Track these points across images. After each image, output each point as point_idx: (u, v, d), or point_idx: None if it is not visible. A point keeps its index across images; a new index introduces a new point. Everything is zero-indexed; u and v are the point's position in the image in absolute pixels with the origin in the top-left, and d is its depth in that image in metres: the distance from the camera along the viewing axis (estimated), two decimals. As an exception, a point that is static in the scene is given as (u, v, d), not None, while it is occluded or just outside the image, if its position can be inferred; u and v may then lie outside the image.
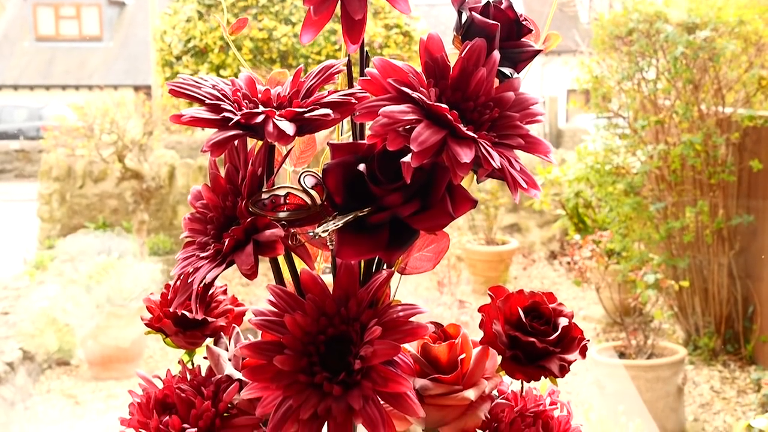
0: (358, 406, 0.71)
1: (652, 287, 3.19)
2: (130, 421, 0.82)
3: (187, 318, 0.84)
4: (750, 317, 3.77)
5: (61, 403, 3.62)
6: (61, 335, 3.94)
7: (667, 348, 3.25)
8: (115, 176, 4.65)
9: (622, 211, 3.70)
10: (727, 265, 3.74)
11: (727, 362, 3.75)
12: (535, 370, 0.79)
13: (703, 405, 3.39)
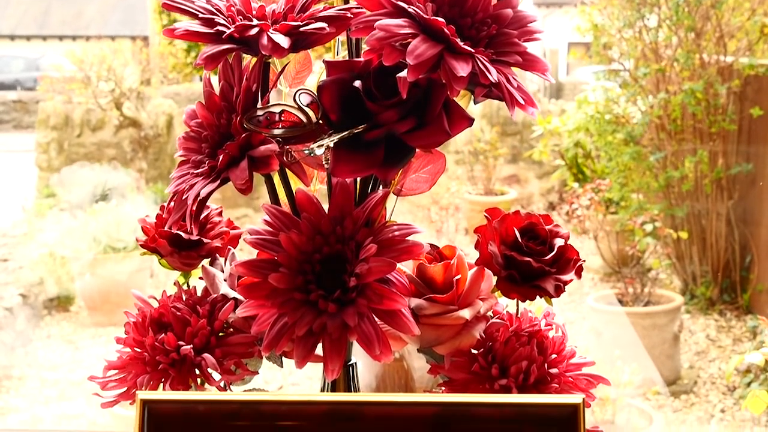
0: (353, 323, 0.71)
1: (650, 235, 3.19)
2: (125, 339, 0.83)
3: (182, 238, 0.84)
4: (747, 267, 3.79)
5: (61, 348, 3.65)
6: (60, 283, 3.95)
7: (663, 296, 3.26)
8: (112, 125, 4.63)
9: (622, 160, 3.69)
10: (726, 214, 3.75)
11: (724, 311, 3.77)
12: (531, 290, 0.79)
13: (698, 353, 3.42)
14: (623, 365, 2.47)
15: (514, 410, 0.55)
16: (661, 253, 3.45)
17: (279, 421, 0.56)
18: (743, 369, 3.07)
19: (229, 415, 0.56)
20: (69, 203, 3.98)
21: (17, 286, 3.77)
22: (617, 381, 2.48)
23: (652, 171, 3.72)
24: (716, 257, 3.79)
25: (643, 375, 2.57)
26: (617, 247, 3.74)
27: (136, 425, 0.57)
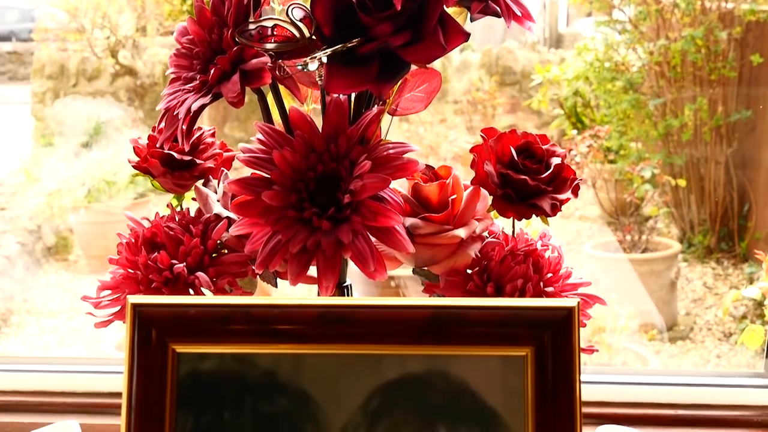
0: (348, 240, 0.71)
1: (648, 183, 3.19)
2: (118, 259, 0.82)
3: (175, 158, 0.83)
4: (745, 215, 3.78)
5: (60, 296, 3.65)
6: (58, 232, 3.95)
7: (661, 243, 3.27)
8: (108, 73, 4.58)
9: (621, 108, 3.67)
10: (724, 162, 3.73)
11: (721, 260, 3.77)
12: (527, 209, 0.79)
13: (695, 300, 3.42)
14: (620, 309, 2.48)
15: (509, 313, 0.55)
16: (659, 201, 3.45)
17: (272, 324, 0.55)
18: (739, 315, 3.09)
19: (221, 318, 0.56)
20: (63, 135, 3.96)
21: (15, 235, 3.77)
22: (614, 326, 2.49)
23: (651, 119, 3.70)
24: (714, 205, 3.79)
25: (639, 320, 2.57)
26: (615, 196, 3.73)
27: (128, 330, 0.56)
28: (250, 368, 0.56)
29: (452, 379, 0.56)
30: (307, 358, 0.56)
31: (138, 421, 0.56)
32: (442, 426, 0.56)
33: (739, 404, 1.05)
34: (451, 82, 5.05)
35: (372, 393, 0.56)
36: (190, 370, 0.56)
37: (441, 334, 0.56)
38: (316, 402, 0.56)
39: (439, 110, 4.96)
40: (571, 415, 0.55)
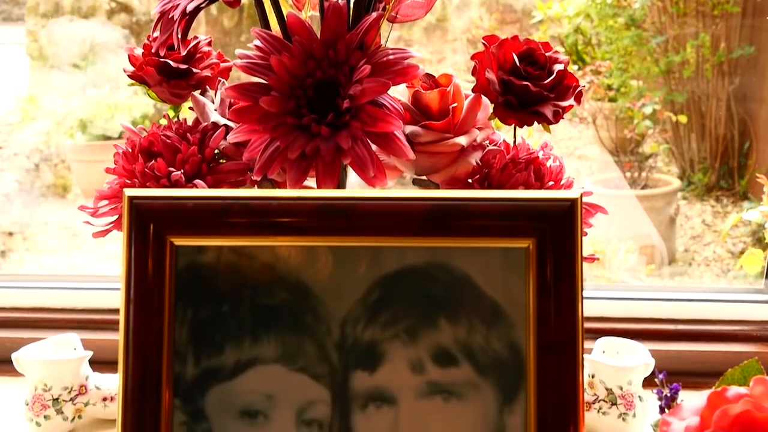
0: (347, 145, 0.70)
1: (649, 119, 3.17)
2: (115, 169, 0.81)
3: (171, 66, 0.82)
4: (746, 153, 3.77)
5: (59, 234, 3.65)
6: (56, 170, 3.93)
7: (661, 180, 3.26)
8: (104, 10, 4.53)
9: (622, 45, 3.63)
10: (726, 100, 3.71)
11: (720, 197, 3.77)
12: (529, 116, 0.77)
13: (694, 237, 3.43)
14: (619, 243, 2.48)
15: (510, 205, 0.54)
16: (659, 138, 3.43)
17: (270, 217, 0.54)
18: (737, 251, 3.09)
19: (219, 211, 0.55)
20: (58, 58, 3.92)
21: (12, 173, 3.75)
22: (613, 261, 2.49)
23: (652, 56, 3.67)
24: (715, 143, 3.77)
25: (638, 254, 2.58)
26: (616, 135, 3.71)
27: (125, 224, 0.56)
28: (249, 261, 0.56)
29: (453, 271, 0.56)
30: (307, 250, 0.56)
31: (137, 314, 0.55)
32: (442, 318, 0.55)
33: (739, 319, 1.05)
34: (451, 20, 4.98)
35: (372, 285, 0.56)
36: (188, 263, 0.56)
37: (441, 226, 0.55)
38: (316, 295, 0.56)
39: (438, 49, 4.91)
40: (573, 306, 0.54)
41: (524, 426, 0.55)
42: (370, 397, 0.55)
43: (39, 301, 1.11)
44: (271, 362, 0.55)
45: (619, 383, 0.88)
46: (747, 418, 0.57)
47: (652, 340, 0.98)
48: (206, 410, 0.56)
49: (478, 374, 0.55)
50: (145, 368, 0.55)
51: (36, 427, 0.90)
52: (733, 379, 0.63)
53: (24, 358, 0.90)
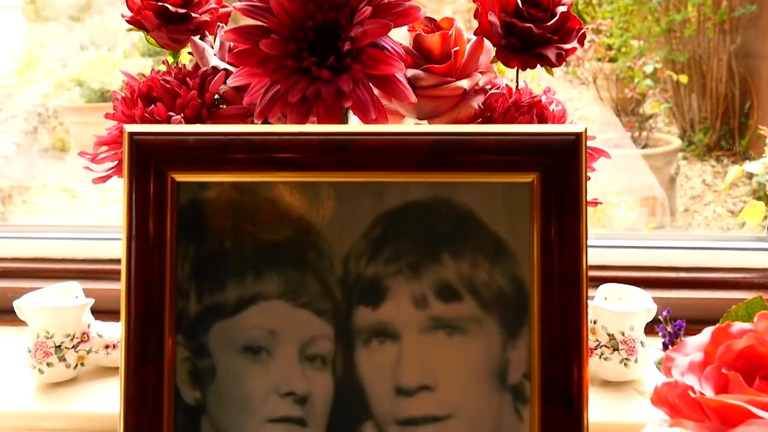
0: (348, 88, 0.69)
1: (649, 77, 3.15)
2: (114, 114, 0.81)
3: (169, 11, 0.81)
4: (746, 113, 3.75)
5: (58, 196, 3.64)
6: (54, 133, 3.91)
7: (661, 139, 3.25)
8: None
9: (623, 3, 3.61)
10: (727, 60, 3.68)
11: (721, 158, 3.76)
12: (532, 59, 0.77)
13: (694, 197, 3.42)
14: (619, 201, 2.48)
15: (514, 140, 0.54)
16: (660, 98, 3.42)
17: (272, 152, 0.54)
18: (737, 210, 3.09)
19: (220, 147, 0.54)
20: (54, 10, 3.88)
21: (11, 136, 3.74)
22: (614, 220, 2.49)
23: (653, 15, 3.64)
24: (716, 103, 3.75)
25: (638, 212, 2.58)
26: (617, 95, 3.69)
27: (125, 160, 0.55)
28: (251, 197, 0.56)
29: (456, 206, 0.55)
30: (309, 186, 0.55)
31: (138, 250, 0.55)
32: (445, 253, 0.55)
33: (741, 267, 1.05)
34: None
35: (374, 221, 0.56)
36: (190, 199, 0.56)
37: (444, 161, 0.54)
38: (318, 230, 0.56)
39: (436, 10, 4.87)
40: (577, 241, 0.54)
41: (528, 361, 0.55)
42: (373, 333, 0.55)
43: (40, 251, 1.11)
44: (273, 298, 0.55)
45: (621, 329, 0.88)
46: (751, 353, 0.57)
47: (654, 287, 0.97)
48: (209, 346, 0.56)
49: (482, 309, 0.55)
50: (147, 304, 0.55)
51: (39, 375, 0.90)
52: (737, 315, 0.63)
53: (26, 305, 0.90)
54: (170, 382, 0.55)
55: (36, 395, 0.91)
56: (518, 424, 0.55)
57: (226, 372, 0.55)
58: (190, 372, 0.56)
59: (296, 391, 0.55)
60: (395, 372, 0.55)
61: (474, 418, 0.55)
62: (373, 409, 0.55)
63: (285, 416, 0.55)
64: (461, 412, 0.55)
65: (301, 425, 0.55)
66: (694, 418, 0.55)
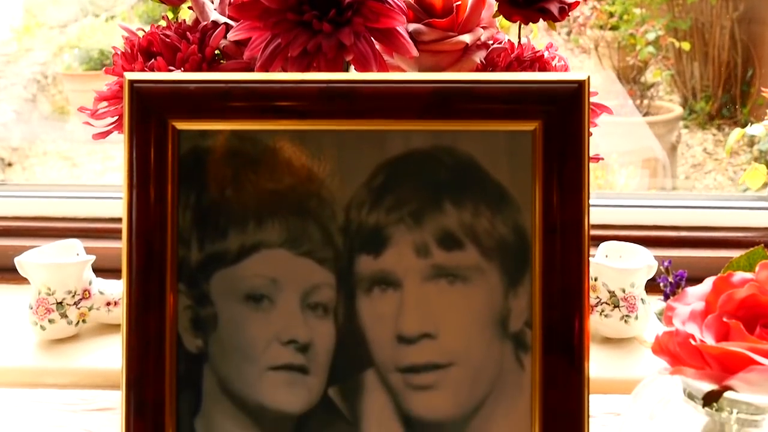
0: (349, 42, 0.69)
1: (651, 45, 3.13)
2: (113, 69, 0.80)
3: (170, -37, 0.80)
4: (748, 81, 3.73)
5: (58, 164, 3.64)
6: (54, 101, 3.90)
7: (662, 107, 3.24)
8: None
9: (625, -30, 3.58)
10: (730, 27, 3.66)
11: (722, 126, 3.75)
12: (534, 12, 0.76)
13: (695, 165, 3.42)
14: (620, 169, 2.47)
15: (516, 88, 0.53)
16: (662, 65, 3.40)
17: (273, 101, 0.54)
18: (738, 179, 3.09)
19: (221, 95, 0.54)
20: None
21: (10, 103, 3.73)
22: (614, 184, 2.49)
23: (656, -19, 3.61)
24: (718, 71, 3.74)
25: (638, 179, 2.57)
26: (618, 63, 3.67)
27: (126, 108, 0.55)
28: (252, 145, 0.55)
29: (458, 154, 0.55)
30: (310, 134, 0.55)
31: (140, 199, 0.55)
32: (447, 201, 0.55)
33: (742, 226, 1.05)
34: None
35: (376, 169, 0.55)
36: (191, 147, 0.55)
37: (446, 109, 0.54)
38: (320, 179, 0.55)
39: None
40: (579, 189, 0.54)
41: (529, 309, 0.55)
42: (374, 281, 0.55)
43: (41, 209, 1.11)
44: (275, 246, 0.55)
45: (622, 285, 0.88)
46: (752, 302, 0.57)
47: (655, 246, 0.97)
48: (211, 295, 0.56)
49: (484, 258, 0.55)
50: (148, 253, 0.55)
51: (41, 331, 0.91)
52: (739, 265, 0.63)
53: (26, 261, 0.90)
54: (172, 331, 0.55)
55: (38, 351, 0.91)
56: (519, 372, 0.55)
57: (228, 320, 0.56)
58: (192, 320, 0.56)
59: (298, 338, 0.55)
60: (397, 320, 0.55)
61: (475, 366, 0.55)
62: (374, 357, 0.55)
63: (287, 364, 0.55)
64: (462, 359, 0.55)
65: (302, 373, 0.55)
66: (695, 365, 0.55)
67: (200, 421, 0.56)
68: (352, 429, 0.56)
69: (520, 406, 0.55)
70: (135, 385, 0.55)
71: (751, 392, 0.55)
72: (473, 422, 0.55)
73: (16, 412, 0.80)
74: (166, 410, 0.55)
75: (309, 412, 0.56)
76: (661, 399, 0.64)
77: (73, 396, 0.82)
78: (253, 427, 0.56)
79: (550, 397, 0.54)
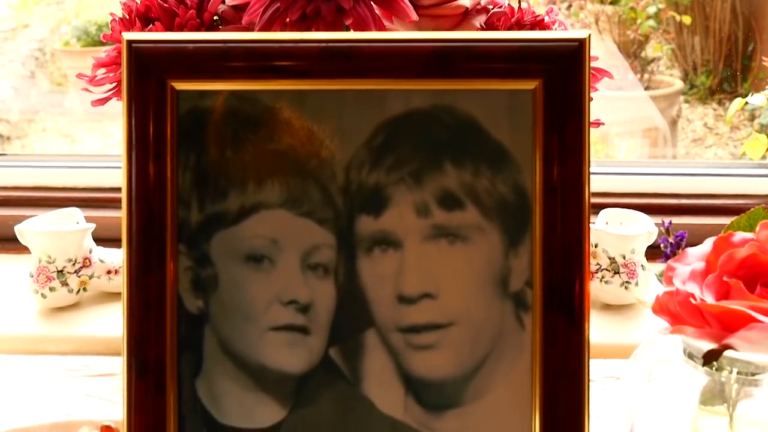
0: (348, 5, 0.68)
1: (652, 18, 3.12)
2: (111, 35, 0.80)
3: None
4: (749, 55, 3.72)
5: (57, 141, 3.63)
6: (53, 78, 3.89)
7: (663, 81, 3.23)
8: None
9: (626, -57, 3.55)
10: (731, 1, 3.64)
11: (723, 100, 3.73)
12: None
13: (695, 140, 3.41)
14: (620, 140, 2.47)
15: (517, 47, 0.53)
16: (662, 39, 3.39)
17: (272, 60, 0.53)
18: (738, 153, 3.08)
19: (219, 54, 0.54)
20: None
21: (8, 80, 3.71)
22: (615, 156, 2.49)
23: (657, -46, 3.59)
24: (719, 46, 3.72)
25: (639, 152, 2.57)
26: (619, 38, 3.66)
27: (124, 69, 0.55)
28: (252, 106, 0.55)
29: (458, 113, 0.55)
30: (310, 94, 0.55)
31: (139, 160, 0.55)
32: (447, 161, 0.55)
33: (743, 193, 1.05)
34: None
35: (376, 129, 0.55)
36: (190, 107, 0.55)
37: (446, 68, 0.54)
38: (319, 139, 0.55)
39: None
40: (579, 148, 0.54)
41: (530, 268, 0.55)
42: (375, 241, 0.55)
43: (41, 179, 1.11)
44: (275, 207, 0.55)
45: (622, 252, 0.88)
46: (753, 262, 0.57)
47: (655, 214, 0.97)
48: (211, 255, 0.56)
49: (484, 217, 0.55)
50: (148, 214, 0.55)
51: (42, 299, 0.91)
52: (739, 225, 0.63)
53: (27, 229, 0.90)
54: (173, 292, 0.55)
55: (39, 319, 0.91)
56: (520, 331, 0.55)
57: (229, 281, 0.55)
58: (193, 281, 0.56)
59: (299, 299, 0.55)
60: (397, 280, 0.55)
61: (476, 326, 0.55)
62: (375, 317, 0.55)
63: (287, 324, 0.55)
64: (463, 319, 0.55)
65: (303, 333, 0.55)
66: (695, 324, 0.55)
67: (201, 381, 0.56)
68: (352, 389, 0.56)
69: (520, 365, 0.55)
70: (136, 346, 0.55)
71: (751, 351, 0.55)
72: (474, 381, 0.55)
73: (17, 378, 0.81)
74: (167, 371, 0.55)
75: (310, 372, 0.56)
76: (660, 360, 0.64)
77: (74, 362, 0.83)
78: (254, 387, 0.56)
79: (550, 356, 0.55)
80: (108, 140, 3.57)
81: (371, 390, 0.56)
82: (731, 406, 0.59)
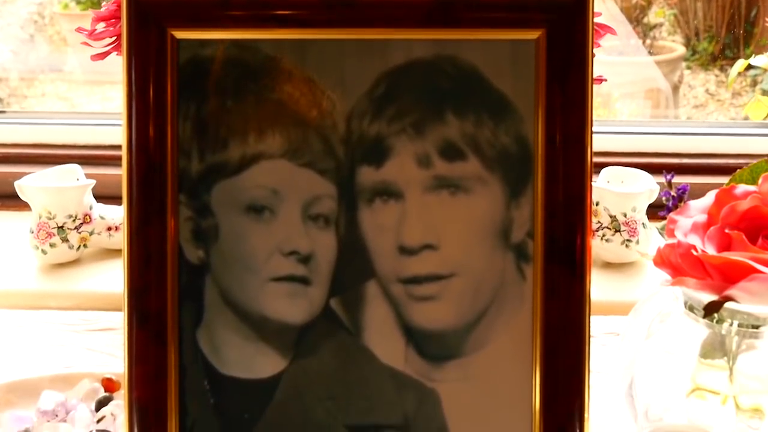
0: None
1: (655, -17, 3.08)
2: None
3: None
4: (752, 21, 3.69)
5: (56, 105, 3.61)
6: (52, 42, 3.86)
7: (665, 47, 3.21)
8: None
9: None
10: (735, -34, 3.61)
11: (725, 67, 3.71)
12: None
13: (697, 106, 3.40)
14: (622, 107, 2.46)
15: (520, -4, 0.53)
16: (665, 4, 3.36)
17: (273, 9, 0.53)
18: (741, 119, 3.07)
19: (220, 3, 0.53)
20: None
21: (7, 44, 3.69)
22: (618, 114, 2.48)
23: None
24: (721, 11, 3.69)
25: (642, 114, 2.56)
26: (622, 4, 3.63)
27: (124, 17, 0.54)
28: (253, 55, 0.55)
29: (460, 63, 0.54)
30: (311, 44, 0.55)
31: (139, 110, 0.54)
32: (449, 111, 0.54)
33: (744, 153, 1.04)
34: None
35: (378, 79, 0.55)
36: (190, 56, 0.55)
37: (448, 18, 0.53)
38: (321, 89, 0.55)
39: None
40: (582, 99, 0.53)
41: (531, 219, 0.55)
42: (376, 192, 0.55)
43: (40, 136, 1.11)
44: (276, 157, 0.55)
45: (623, 210, 0.88)
46: (755, 214, 0.57)
47: (657, 173, 0.97)
48: (212, 206, 0.55)
49: (486, 168, 0.55)
50: (149, 164, 0.55)
51: (42, 255, 0.91)
52: (742, 179, 0.62)
53: (27, 185, 0.90)
54: (173, 242, 0.55)
55: (40, 275, 0.91)
56: (521, 282, 0.55)
57: (229, 231, 0.55)
58: (193, 231, 0.56)
59: (299, 249, 0.55)
60: (398, 231, 0.55)
61: (477, 277, 0.55)
62: (376, 268, 0.55)
63: (288, 275, 0.55)
64: (464, 270, 0.55)
65: (304, 283, 0.55)
66: (697, 276, 0.55)
67: (202, 331, 0.56)
68: (353, 340, 0.56)
69: (521, 316, 0.55)
70: (137, 297, 0.55)
71: (752, 302, 0.55)
72: (474, 332, 0.56)
73: (19, 332, 0.81)
74: (168, 321, 0.56)
75: (311, 322, 0.56)
76: (660, 313, 0.64)
77: (75, 317, 0.83)
78: (255, 337, 0.56)
79: (551, 308, 0.55)
80: (108, 104, 3.55)
81: (372, 341, 0.56)
82: (731, 359, 0.60)
